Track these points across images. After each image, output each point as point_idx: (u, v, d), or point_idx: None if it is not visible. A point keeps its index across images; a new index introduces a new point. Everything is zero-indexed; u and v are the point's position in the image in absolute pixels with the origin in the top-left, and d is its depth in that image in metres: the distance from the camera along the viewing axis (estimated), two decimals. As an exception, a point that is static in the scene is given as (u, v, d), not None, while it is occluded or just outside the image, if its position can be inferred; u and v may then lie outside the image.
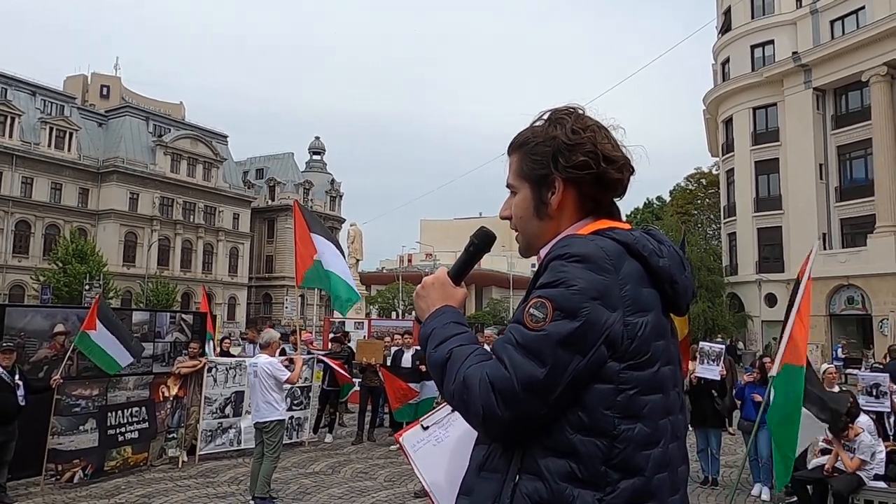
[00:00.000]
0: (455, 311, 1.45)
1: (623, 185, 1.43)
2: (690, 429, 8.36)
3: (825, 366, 9.32)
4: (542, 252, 1.43)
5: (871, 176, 30.53)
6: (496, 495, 1.26)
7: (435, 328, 1.40)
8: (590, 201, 1.42)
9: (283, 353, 12.86)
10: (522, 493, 1.23)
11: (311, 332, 18.60)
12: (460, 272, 1.52)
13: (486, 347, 1.34)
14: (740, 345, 31.08)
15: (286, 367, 7.39)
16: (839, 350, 24.32)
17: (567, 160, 1.37)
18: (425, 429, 1.74)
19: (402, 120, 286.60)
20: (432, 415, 1.77)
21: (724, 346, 8.53)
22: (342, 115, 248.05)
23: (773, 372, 5.18)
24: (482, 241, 1.52)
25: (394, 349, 11.46)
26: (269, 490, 7.00)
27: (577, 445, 1.21)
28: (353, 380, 11.48)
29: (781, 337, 5.28)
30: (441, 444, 1.70)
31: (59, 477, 7.48)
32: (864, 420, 6.63)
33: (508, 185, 1.50)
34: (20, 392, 6.94)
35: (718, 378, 8.02)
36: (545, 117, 1.45)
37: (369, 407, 11.34)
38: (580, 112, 1.44)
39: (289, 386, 7.58)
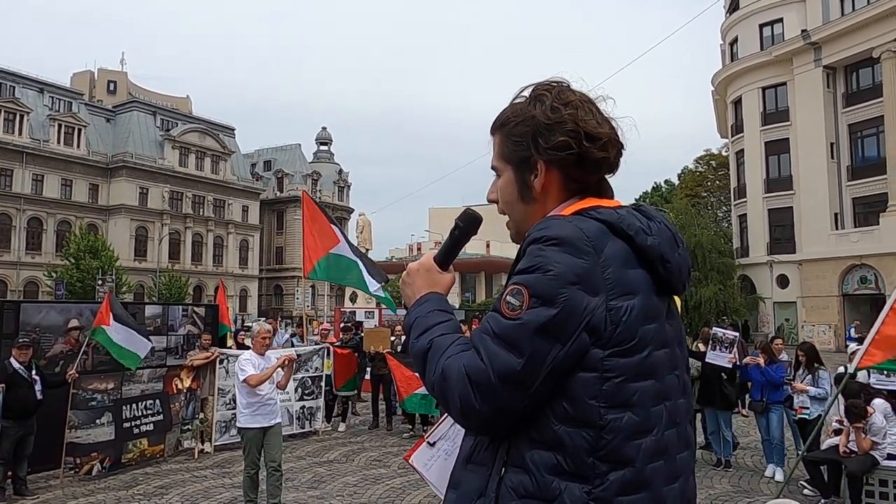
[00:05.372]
0: (440, 297, 1.40)
1: (609, 162, 1.33)
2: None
3: (853, 345, 9.35)
4: None
5: (882, 154, 30.17)
6: (482, 489, 1.21)
7: (418, 317, 1.34)
8: (574, 182, 1.33)
9: (290, 345, 12.86)
10: (507, 487, 1.18)
11: (328, 324, 18.65)
12: (446, 257, 1.46)
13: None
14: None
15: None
16: (852, 330, 24.11)
17: (546, 141, 1.29)
18: (432, 445, 1.72)
19: (409, 110, 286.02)
20: (436, 429, 1.74)
21: (737, 335, 8.41)
22: (348, 106, 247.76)
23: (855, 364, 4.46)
24: (467, 224, 1.44)
25: (403, 338, 11.52)
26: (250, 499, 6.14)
27: (563, 437, 1.15)
28: (342, 389, 11.16)
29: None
30: (451, 457, 1.67)
31: (77, 470, 7.59)
32: (879, 402, 6.58)
33: (493, 168, 1.42)
34: (37, 387, 7.05)
35: (729, 366, 8.00)
36: (526, 94, 1.36)
37: (381, 396, 11.42)
38: (564, 86, 1.34)
39: (265, 388, 5.95)
